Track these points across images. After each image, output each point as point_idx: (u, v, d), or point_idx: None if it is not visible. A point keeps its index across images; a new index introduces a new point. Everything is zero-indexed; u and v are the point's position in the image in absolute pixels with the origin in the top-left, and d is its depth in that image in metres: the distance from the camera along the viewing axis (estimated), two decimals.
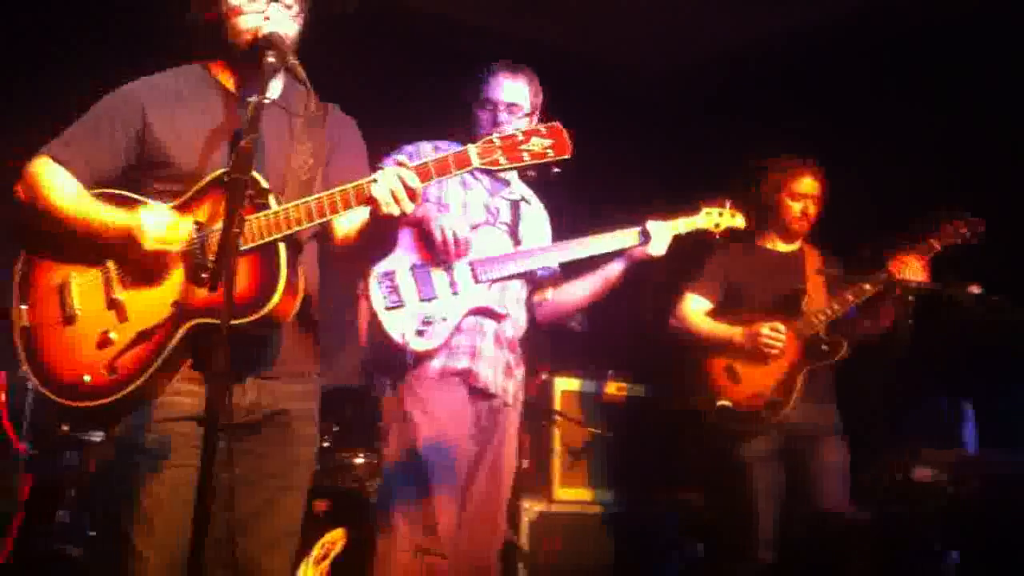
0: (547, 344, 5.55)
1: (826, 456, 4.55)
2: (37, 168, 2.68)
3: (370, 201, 2.55)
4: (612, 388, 5.47)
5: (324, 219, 2.57)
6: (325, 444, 4.66)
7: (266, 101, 2.66)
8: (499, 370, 3.77)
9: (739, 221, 4.15)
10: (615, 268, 3.92)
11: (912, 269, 4.35)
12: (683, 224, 4.01)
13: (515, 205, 3.93)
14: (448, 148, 3.72)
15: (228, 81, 2.80)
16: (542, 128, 2.60)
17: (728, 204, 4.12)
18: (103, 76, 2.86)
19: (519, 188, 3.98)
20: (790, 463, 4.54)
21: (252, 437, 2.69)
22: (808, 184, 4.73)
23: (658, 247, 3.91)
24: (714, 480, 4.85)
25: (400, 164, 2.58)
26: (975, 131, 5.39)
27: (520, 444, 3.90)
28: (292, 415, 2.74)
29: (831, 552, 4.50)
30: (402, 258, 3.65)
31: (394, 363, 3.58)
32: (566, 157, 2.60)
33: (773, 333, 4.48)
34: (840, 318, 4.53)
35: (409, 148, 3.74)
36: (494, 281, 3.75)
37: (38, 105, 4.35)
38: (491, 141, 2.59)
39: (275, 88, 2.81)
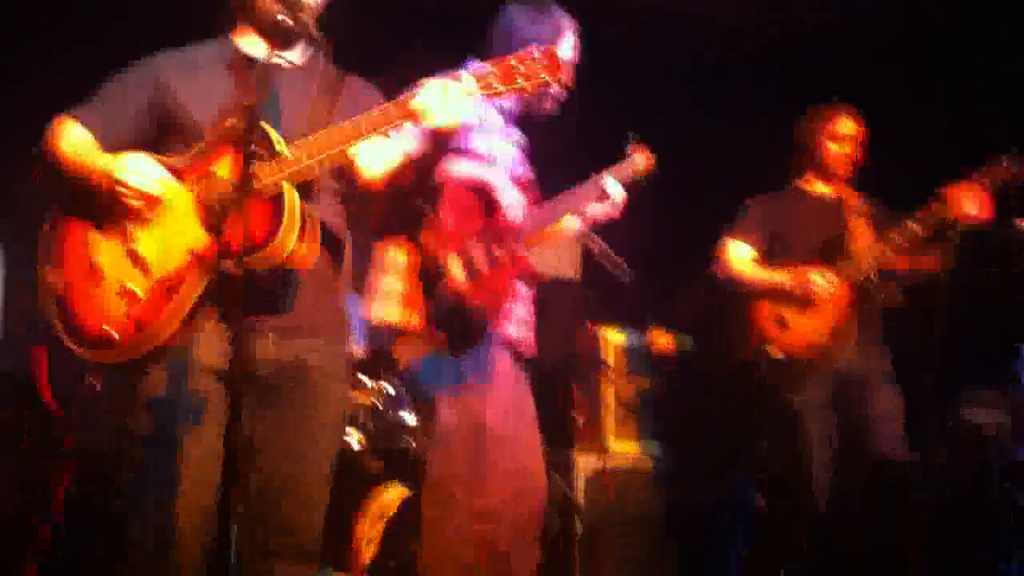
0: (592, 299, 5.58)
1: (880, 402, 4.49)
2: (55, 124, 2.76)
3: (411, 116, 2.54)
4: (661, 340, 5.46)
5: (335, 150, 2.57)
6: (380, 405, 4.71)
7: (283, 63, 2.75)
8: (530, 331, 3.80)
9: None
10: None
11: (972, 200, 4.25)
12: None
13: (522, 150, 3.85)
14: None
15: (252, 49, 2.84)
16: (535, 52, 2.56)
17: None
18: (129, 50, 2.92)
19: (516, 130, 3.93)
20: (843, 411, 4.49)
21: (277, 396, 2.72)
22: (849, 125, 4.69)
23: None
24: (767, 430, 4.82)
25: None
26: None
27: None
28: (314, 371, 2.76)
29: (888, 499, 4.46)
30: (468, 229, 3.60)
31: (473, 337, 3.57)
32: (561, 79, 2.58)
33: (823, 280, 4.43)
34: (888, 260, 4.46)
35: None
36: (531, 239, 3.79)
37: (65, 77, 4.47)
38: (484, 67, 2.57)
39: (295, 55, 2.86)
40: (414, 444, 4.54)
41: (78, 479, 4.37)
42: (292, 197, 2.56)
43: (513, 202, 3.56)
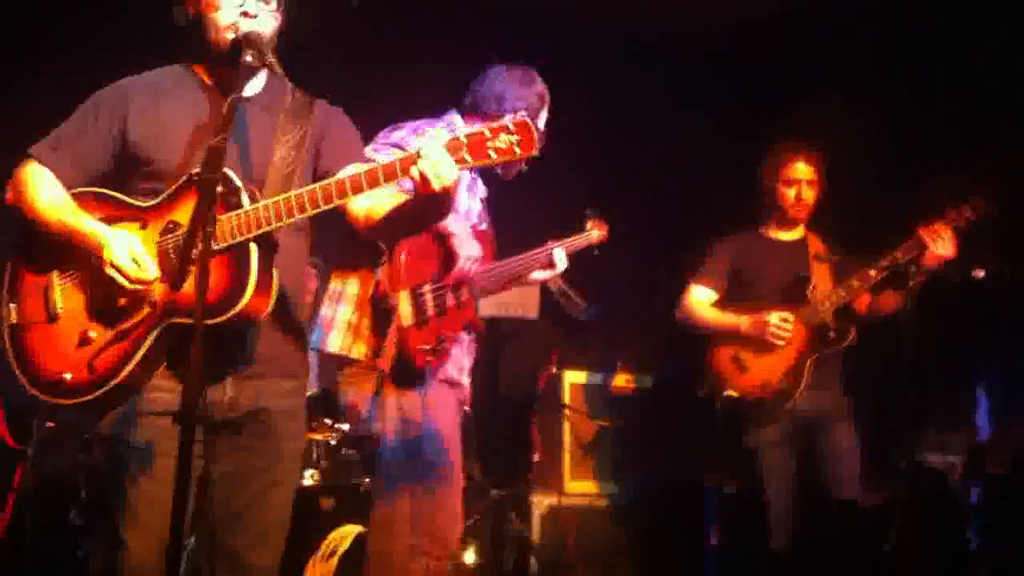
0: (557, 338, 5.59)
1: (836, 442, 4.52)
2: (24, 173, 2.73)
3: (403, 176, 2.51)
4: (620, 380, 5.47)
5: (301, 216, 2.54)
6: (332, 441, 4.68)
7: (244, 98, 2.72)
8: (468, 378, 3.90)
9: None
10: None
11: (944, 241, 4.26)
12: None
13: (485, 204, 3.95)
14: (454, 124, 3.83)
15: (211, 80, 2.80)
16: (509, 123, 2.48)
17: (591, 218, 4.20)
18: (89, 75, 2.90)
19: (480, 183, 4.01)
20: (801, 449, 4.53)
21: (236, 433, 2.68)
22: (800, 169, 4.68)
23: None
24: (725, 468, 4.83)
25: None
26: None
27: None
28: (274, 412, 2.75)
29: (844, 538, 4.47)
30: (423, 272, 3.65)
31: (415, 377, 3.61)
32: (533, 154, 2.49)
33: (781, 323, 4.47)
34: (846, 305, 4.50)
35: (415, 125, 3.72)
36: (480, 294, 3.89)
37: (24, 105, 4.41)
38: (457, 139, 2.50)
39: (256, 85, 2.83)
40: (366, 480, 4.49)
41: (36, 510, 4.31)
42: (254, 259, 2.53)
43: (471, 254, 3.59)
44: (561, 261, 4.03)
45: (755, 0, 5.54)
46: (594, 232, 4.19)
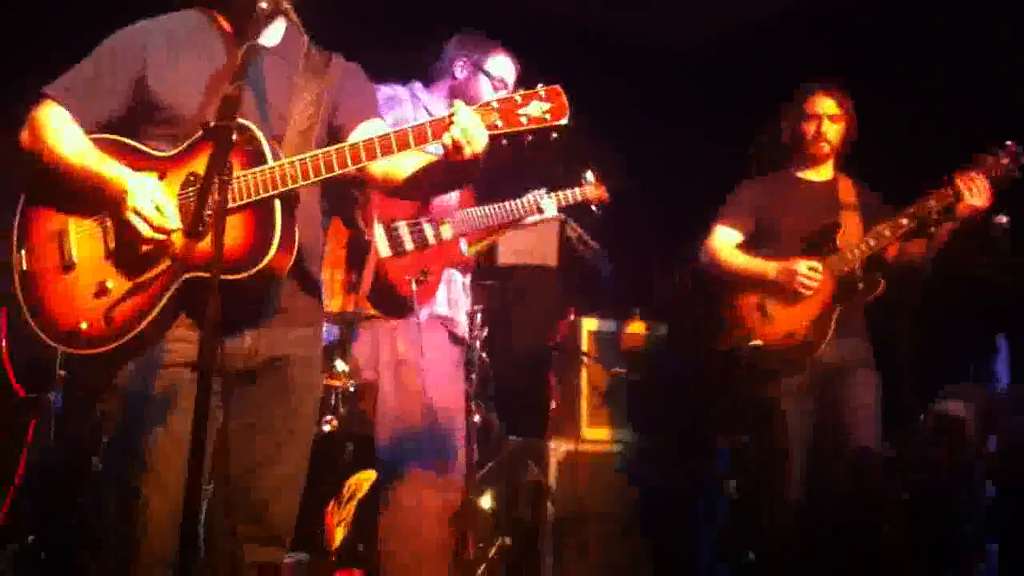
0: (573, 287, 5.58)
1: (857, 392, 4.44)
2: (42, 114, 2.69)
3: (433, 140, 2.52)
4: (634, 328, 5.44)
5: (323, 177, 2.55)
6: (351, 388, 4.69)
7: (261, 48, 2.69)
8: (467, 317, 4.11)
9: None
10: None
11: (980, 189, 4.17)
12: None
13: None
14: (424, 94, 3.92)
15: (229, 27, 2.78)
16: (541, 91, 2.49)
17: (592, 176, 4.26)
18: (106, 16, 2.86)
19: None
20: (822, 400, 4.44)
21: (253, 384, 2.71)
22: (822, 103, 4.54)
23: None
24: (745, 419, 4.78)
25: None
26: None
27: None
28: (292, 361, 2.75)
29: (862, 490, 4.46)
30: (401, 208, 3.80)
31: (400, 307, 3.74)
32: (564, 122, 2.48)
33: (810, 272, 4.36)
34: (876, 254, 4.39)
35: (387, 90, 3.79)
36: (466, 235, 4.04)
37: (40, 41, 4.37)
38: (489, 104, 2.51)
39: (274, 35, 2.81)
40: None
41: (49, 463, 4.33)
42: (278, 216, 2.53)
43: None
44: (549, 207, 4.09)
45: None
46: (589, 189, 4.23)
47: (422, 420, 3.82)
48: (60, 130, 2.66)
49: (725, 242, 4.62)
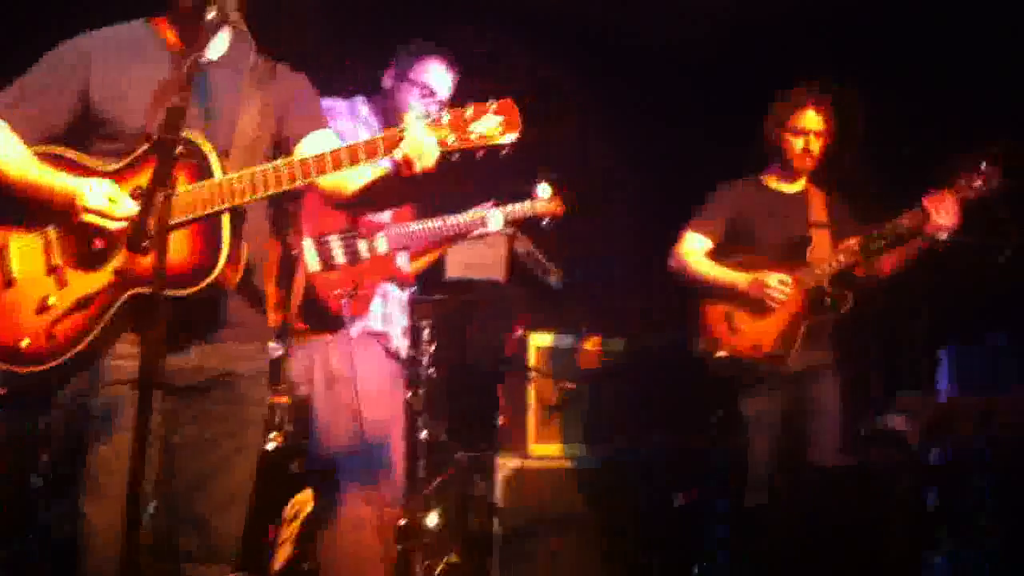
0: (522, 302, 5.57)
1: (820, 401, 4.47)
2: None
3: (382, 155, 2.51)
4: (589, 345, 5.43)
5: (276, 190, 2.52)
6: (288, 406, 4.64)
7: (207, 60, 2.67)
8: (402, 333, 4.11)
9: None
10: None
11: (947, 210, 4.17)
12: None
13: None
14: (364, 107, 3.91)
15: (175, 38, 2.74)
16: (492, 105, 2.46)
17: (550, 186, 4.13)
18: (49, 29, 2.82)
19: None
20: (785, 408, 4.45)
21: (200, 399, 2.68)
22: (811, 118, 4.49)
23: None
24: (709, 424, 4.72)
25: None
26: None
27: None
28: (239, 376, 2.73)
29: (816, 499, 4.48)
30: (333, 222, 3.77)
31: (330, 322, 3.75)
32: (516, 136, 2.45)
33: (780, 286, 4.36)
34: (844, 269, 4.38)
35: (325, 104, 3.75)
36: (403, 249, 4.02)
37: None
38: (439, 119, 2.48)
39: (220, 45, 2.78)
40: None
41: None
42: (226, 230, 2.51)
43: None
44: (495, 223, 4.00)
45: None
46: (541, 203, 4.09)
47: (354, 435, 3.81)
48: (2, 145, 2.61)
49: (695, 249, 4.59)
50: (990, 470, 4.58)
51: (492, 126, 2.46)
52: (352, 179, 2.76)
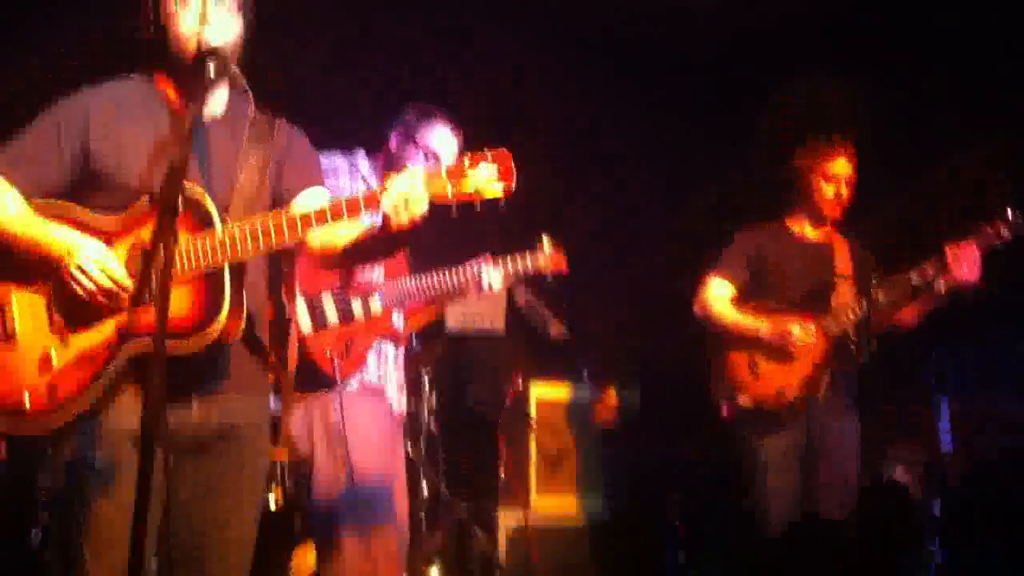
0: (524, 351, 5.58)
1: (838, 453, 4.40)
2: None
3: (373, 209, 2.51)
4: (605, 398, 5.40)
5: (272, 245, 2.53)
6: (290, 462, 4.64)
7: (207, 115, 2.69)
8: (398, 390, 4.06)
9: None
10: None
11: (968, 262, 4.15)
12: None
13: None
14: (364, 162, 3.95)
15: (173, 94, 2.75)
16: (488, 154, 2.45)
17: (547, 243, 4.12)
18: (50, 81, 2.86)
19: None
20: (803, 455, 4.39)
21: (201, 453, 2.67)
22: (843, 165, 4.49)
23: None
24: (726, 474, 4.70)
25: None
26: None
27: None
28: (242, 430, 2.72)
29: (826, 552, 4.43)
30: (325, 282, 3.79)
31: (322, 382, 3.72)
32: (512, 185, 2.45)
33: (803, 334, 4.34)
34: (867, 318, 4.32)
35: (323, 160, 3.76)
36: (398, 306, 3.98)
37: None
38: (437, 172, 2.48)
39: (220, 101, 2.79)
40: None
41: None
42: (227, 284, 2.51)
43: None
44: (494, 282, 3.99)
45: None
46: (543, 257, 4.07)
47: (352, 489, 3.78)
48: (1, 199, 2.62)
49: (719, 295, 4.56)
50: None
51: (488, 175, 2.46)
52: (343, 234, 2.76)
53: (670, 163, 6.15)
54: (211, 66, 2.54)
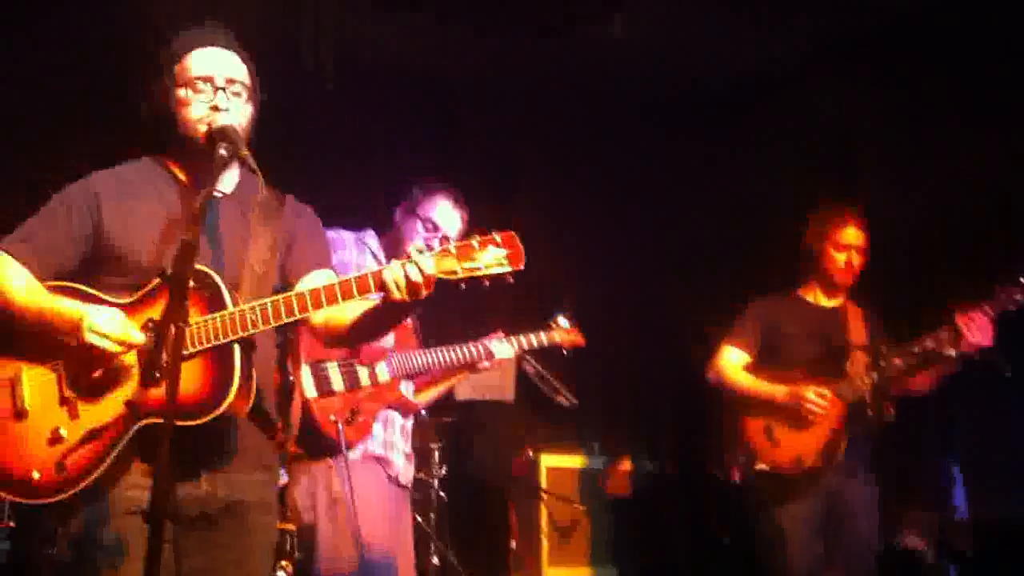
0: (533, 421, 5.57)
1: (857, 520, 4.39)
2: None
3: (382, 287, 2.53)
4: (620, 468, 5.38)
5: (282, 322, 2.55)
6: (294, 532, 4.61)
7: (217, 194, 2.72)
8: (406, 460, 4.05)
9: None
10: None
11: (980, 328, 4.14)
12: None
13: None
14: (372, 240, 3.97)
15: (183, 174, 2.80)
16: (497, 237, 2.50)
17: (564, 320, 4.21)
18: (61, 166, 2.89)
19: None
20: (821, 522, 4.36)
21: (208, 528, 2.66)
22: (853, 234, 4.53)
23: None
24: (747, 543, 4.60)
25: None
26: None
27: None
28: (249, 505, 2.72)
29: None
30: (332, 351, 3.78)
31: (326, 448, 3.74)
32: (519, 266, 2.49)
33: (818, 399, 4.33)
34: (882, 385, 4.34)
35: (331, 235, 3.79)
36: (407, 378, 4.02)
37: None
38: (446, 250, 2.51)
39: (230, 180, 2.83)
40: None
41: None
42: (237, 360, 2.53)
43: None
44: (504, 356, 4.08)
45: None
46: (559, 333, 4.17)
47: (356, 561, 3.76)
48: (12, 277, 2.66)
49: (732, 362, 4.58)
50: None
51: (497, 256, 2.49)
52: (342, 313, 2.78)
53: (681, 230, 6.19)
54: (222, 148, 2.58)
